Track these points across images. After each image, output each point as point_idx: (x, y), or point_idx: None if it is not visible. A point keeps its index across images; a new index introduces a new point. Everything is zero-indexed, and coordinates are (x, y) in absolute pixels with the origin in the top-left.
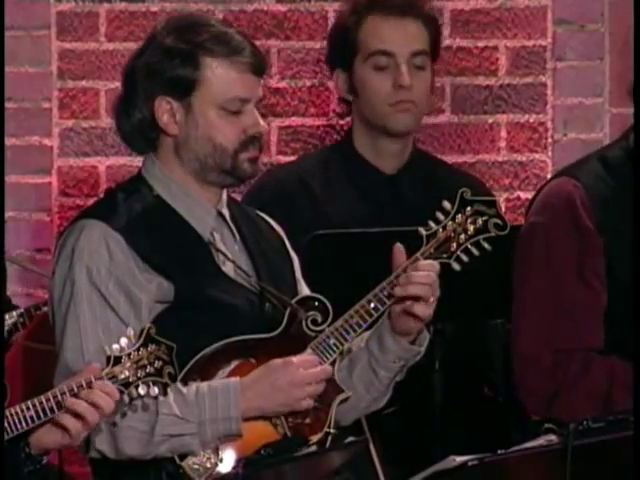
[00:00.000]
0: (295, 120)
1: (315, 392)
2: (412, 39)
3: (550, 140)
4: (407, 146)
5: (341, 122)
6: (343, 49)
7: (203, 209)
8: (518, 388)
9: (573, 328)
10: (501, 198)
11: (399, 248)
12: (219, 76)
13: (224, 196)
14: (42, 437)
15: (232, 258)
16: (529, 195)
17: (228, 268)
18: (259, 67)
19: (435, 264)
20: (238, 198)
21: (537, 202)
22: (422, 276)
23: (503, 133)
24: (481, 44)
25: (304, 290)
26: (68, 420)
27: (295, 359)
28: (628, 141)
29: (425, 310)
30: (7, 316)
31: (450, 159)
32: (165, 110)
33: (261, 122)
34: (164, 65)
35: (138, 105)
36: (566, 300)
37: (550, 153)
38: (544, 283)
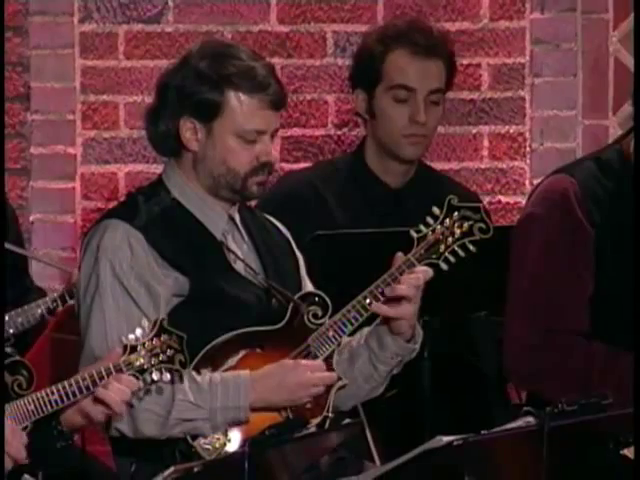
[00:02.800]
0: (297, 130)
1: (317, 394)
2: (432, 78)
3: (528, 149)
4: (413, 165)
5: (338, 132)
6: (368, 74)
7: (216, 213)
8: (506, 366)
9: (560, 312)
10: (484, 201)
11: (400, 255)
12: (241, 109)
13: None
14: (72, 418)
15: (242, 257)
16: (509, 199)
17: (238, 266)
18: (279, 103)
19: (429, 270)
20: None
21: (535, 195)
22: (412, 278)
23: (485, 142)
24: (465, 61)
25: (308, 287)
26: (92, 407)
27: (304, 362)
28: (622, 145)
29: (407, 309)
30: (27, 308)
31: (437, 166)
32: (188, 128)
33: (273, 152)
34: (194, 88)
35: (165, 119)
36: (556, 287)
37: (528, 161)
38: (537, 269)
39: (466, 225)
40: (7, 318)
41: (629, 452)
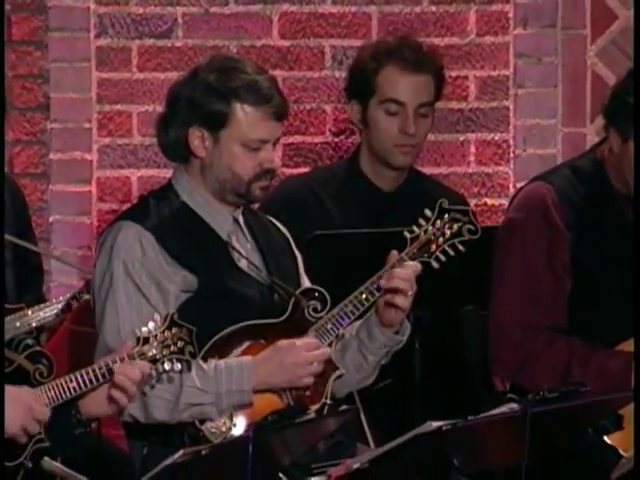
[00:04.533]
0: (297, 138)
1: (315, 371)
2: (421, 92)
3: (512, 155)
4: (404, 171)
5: (335, 140)
6: (362, 88)
7: (221, 215)
8: (491, 359)
9: (540, 309)
10: (470, 204)
11: (394, 253)
12: (247, 120)
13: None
14: (91, 406)
15: (245, 255)
16: (494, 201)
17: (242, 264)
18: (282, 114)
19: (417, 265)
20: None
21: (516, 201)
22: (403, 272)
23: (472, 149)
24: (454, 74)
25: (306, 283)
26: (114, 392)
27: (299, 342)
28: (596, 152)
29: (404, 301)
30: (49, 303)
31: (428, 171)
32: (197, 137)
33: (275, 159)
34: (203, 100)
35: (175, 127)
36: (536, 285)
37: (512, 166)
38: (519, 269)
39: (456, 227)
40: (30, 313)
41: (608, 437)
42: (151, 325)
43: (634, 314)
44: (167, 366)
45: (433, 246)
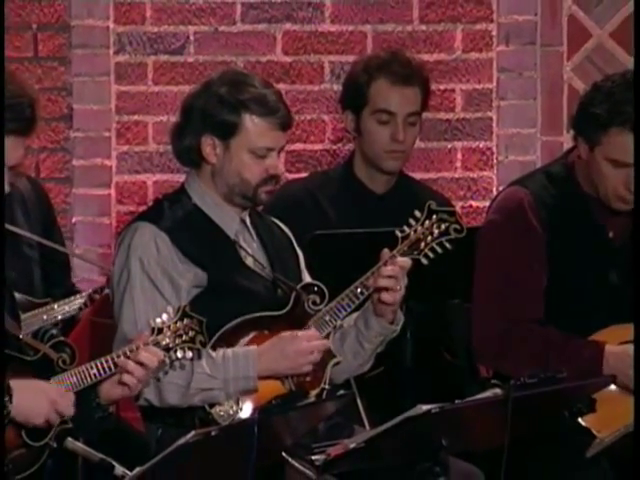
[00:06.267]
0: (298, 145)
1: (315, 360)
2: (410, 103)
3: (495, 161)
4: (395, 175)
5: (334, 147)
6: (355, 99)
7: (230, 217)
8: (474, 349)
9: (519, 303)
10: (457, 206)
11: (386, 251)
12: (255, 129)
13: None
14: (109, 391)
15: (252, 253)
16: (479, 204)
17: (249, 261)
18: (287, 125)
19: (407, 260)
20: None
21: (495, 204)
22: (388, 271)
23: (459, 156)
24: (442, 87)
25: (307, 278)
26: (125, 377)
27: (300, 333)
28: (567, 159)
29: (390, 297)
30: (73, 297)
31: (417, 176)
32: (208, 144)
33: (280, 165)
34: (215, 111)
35: (188, 136)
36: (514, 281)
37: (495, 171)
38: (499, 266)
39: (443, 226)
40: (56, 306)
41: (583, 420)
42: (165, 317)
43: (634, 314)
44: (179, 354)
45: (422, 244)
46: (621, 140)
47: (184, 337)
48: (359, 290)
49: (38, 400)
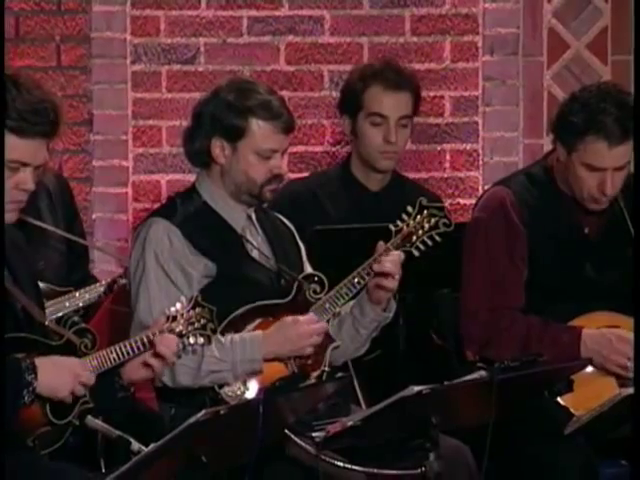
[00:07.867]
0: (300, 148)
1: (316, 342)
2: (402, 107)
3: (481, 162)
4: (388, 173)
5: (333, 149)
6: (351, 104)
7: (237, 213)
8: (462, 335)
9: (503, 293)
10: (446, 203)
11: (381, 244)
12: (260, 133)
13: None
14: (131, 373)
15: (257, 246)
16: (466, 201)
17: (254, 254)
18: (290, 128)
19: (401, 254)
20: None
21: (480, 202)
22: (391, 258)
23: (447, 157)
24: (432, 94)
25: (308, 269)
26: (152, 360)
27: (302, 318)
28: (546, 161)
29: (391, 283)
30: (93, 286)
31: (410, 175)
32: (217, 146)
33: (283, 166)
34: (223, 115)
35: (199, 139)
36: (498, 273)
37: (481, 172)
38: (483, 260)
39: (433, 221)
40: (77, 294)
41: (561, 399)
42: (178, 305)
43: (634, 313)
44: (192, 340)
45: (414, 237)
46: (596, 147)
47: (196, 324)
48: (356, 280)
49: (62, 374)
